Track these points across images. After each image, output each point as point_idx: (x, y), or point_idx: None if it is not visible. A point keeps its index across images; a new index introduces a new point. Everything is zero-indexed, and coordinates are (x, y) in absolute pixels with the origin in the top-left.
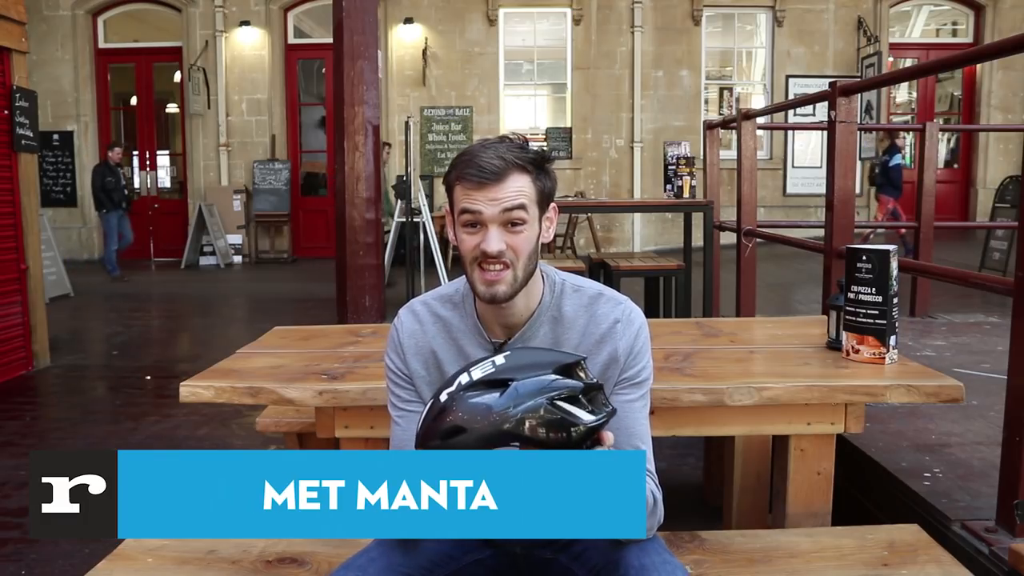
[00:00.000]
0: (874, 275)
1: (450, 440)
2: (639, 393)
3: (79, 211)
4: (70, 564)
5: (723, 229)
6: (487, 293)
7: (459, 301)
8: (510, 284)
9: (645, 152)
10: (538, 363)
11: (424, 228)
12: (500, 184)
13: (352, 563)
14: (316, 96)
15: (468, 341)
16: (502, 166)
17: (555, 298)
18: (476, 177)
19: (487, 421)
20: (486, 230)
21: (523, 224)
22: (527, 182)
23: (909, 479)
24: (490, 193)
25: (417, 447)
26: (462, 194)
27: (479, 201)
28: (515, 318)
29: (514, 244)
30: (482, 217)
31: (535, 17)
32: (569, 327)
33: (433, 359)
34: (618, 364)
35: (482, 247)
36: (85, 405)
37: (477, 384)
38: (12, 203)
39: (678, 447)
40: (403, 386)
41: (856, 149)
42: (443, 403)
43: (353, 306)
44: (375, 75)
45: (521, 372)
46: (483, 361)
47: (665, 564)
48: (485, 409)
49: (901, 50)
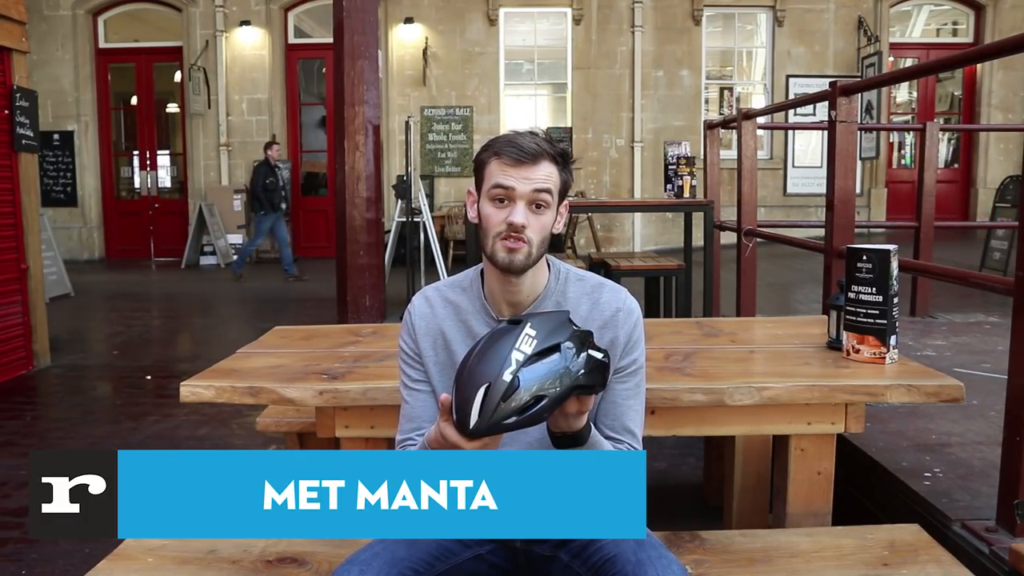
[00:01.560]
0: (874, 275)
1: (529, 412)
2: (633, 381)
3: (79, 211)
4: (70, 564)
5: (723, 229)
6: (506, 259)
7: (468, 285)
8: (527, 255)
9: (645, 152)
10: (558, 324)
11: (424, 228)
12: (535, 166)
13: (356, 558)
14: (316, 96)
15: (476, 320)
16: (538, 150)
17: (560, 284)
18: (516, 154)
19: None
20: (514, 205)
21: (546, 207)
22: (555, 171)
23: (909, 479)
24: (524, 172)
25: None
26: (498, 169)
27: (513, 177)
28: (521, 296)
29: (534, 223)
30: (514, 193)
31: (535, 17)
32: (573, 311)
33: (442, 339)
34: (616, 351)
35: (509, 219)
36: (85, 405)
37: (532, 357)
38: (12, 203)
39: (678, 447)
40: (413, 366)
41: (856, 149)
42: (509, 382)
43: (353, 306)
44: (375, 75)
45: (552, 334)
46: (517, 339)
47: (661, 559)
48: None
49: (901, 50)
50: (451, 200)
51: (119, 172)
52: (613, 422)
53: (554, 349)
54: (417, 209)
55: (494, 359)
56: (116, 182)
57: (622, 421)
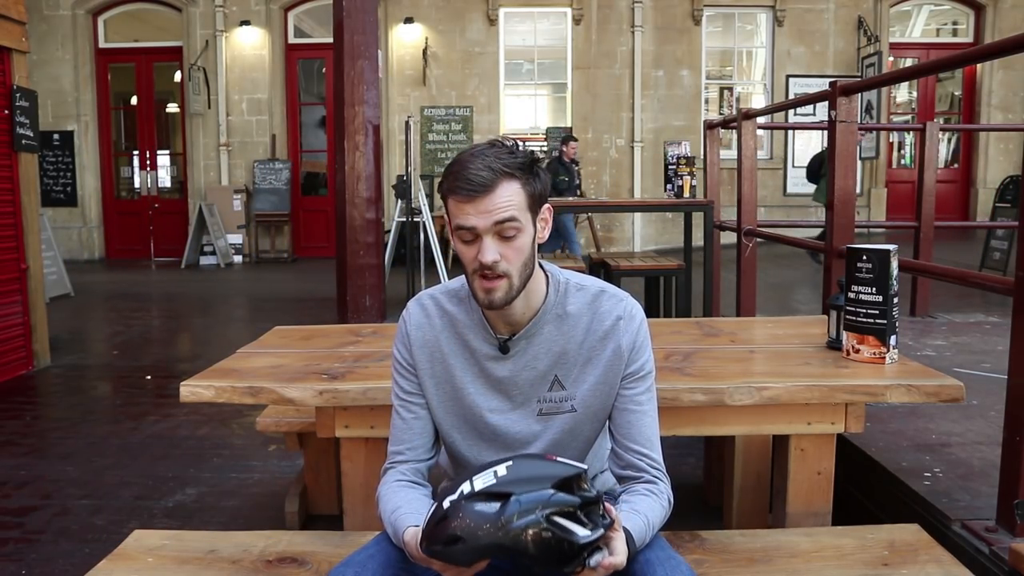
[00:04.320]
0: (874, 275)
1: (449, 549)
2: (644, 386)
3: (79, 211)
4: (70, 564)
5: (723, 229)
6: (484, 300)
7: (464, 297)
8: (506, 291)
9: (645, 152)
10: (539, 476)
11: (424, 228)
12: (489, 196)
13: (351, 559)
14: (316, 96)
15: (474, 336)
16: (490, 177)
17: (559, 296)
18: (466, 191)
19: (484, 533)
20: (481, 241)
21: (516, 232)
22: (516, 189)
23: (909, 479)
24: (480, 205)
25: (421, 548)
26: (455, 207)
27: (471, 215)
28: (516, 317)
29: (507, 253)
30: (475, 231)
31: (535, 17)
32: (574, 324)
33: (439, 353)
34: (622, 359)
35: (479, 258)
36: (85, 405)
37: (479, 495)
38: (12, 203)
39: (678, 447)
40: (407, 377)
41: (856, 149)
42: (445, 510)
43: (353, 306)
44: (375, 75)
45: (521, 485)
46: (486, 471)
47: (670, 559)
48: (483, 521)
49: (901, 50)
50: None
51: (119, 172)
52: (627, 431)
53: (502, 497)
54: (417, 209)
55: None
56: (116, 182)
57: (636, 433)
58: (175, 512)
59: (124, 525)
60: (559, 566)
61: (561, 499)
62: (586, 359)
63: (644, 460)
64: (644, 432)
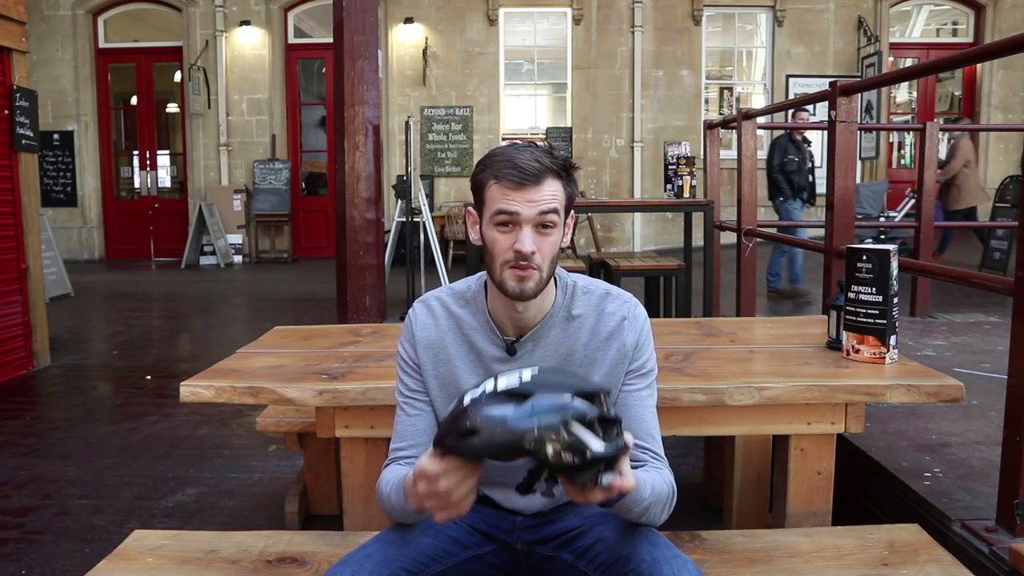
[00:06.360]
0: (874, 275)
1: (463, 441)
2: (646, 383)
3: (79, 211)
4: (70, 564)
5: (723, 229)
6: (516, 289)
7: (471, 298)
8: (537, 283)
9: (645, 152)
10: (563, 384)
11: (424, 228)
12: (538, 186)
13: (349, 559)
14: (316, 96)
15: (481, 338)
16: (540, 169)
17: (567, 299)
18: (516, 178)
19: (502, 431)
20: (520, 230)
21: (553, 227)
22: (559, 187)
23: (909, 479)
24: (528, 194)
25: (435, 440)
26: (499, 193)
27: (516, 202)
28: (527, 317)
29: (542, 247)
30: (519, 218)
31: (535, 17)
32: (580, 326)
33: (444, 354)
34: (626, 358)
35: (516, 247)
36: (85, 405)
37: (500, 394)
38: (12, 203)
39: (678, 447)
40: (411, 375)
41: (856, 149)
42: (464, 405)
43: (353, 306)
44: (375, 75)
45: (544, 390)
46: (511, 373)
47: (676, 559)
48: (500, 419)
49: (901, 50)
50: (451, 200)
51: (119, 172)
52: (628, 426)
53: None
54: (417, 209)
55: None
56: (116, 182)
57: (637, 427)
58: (175, 512)
59: (124, 525)
60: (570, 474)
61: (581, 407)
62: (591, 360)
63: (647, 452)
64: (645, 426)
